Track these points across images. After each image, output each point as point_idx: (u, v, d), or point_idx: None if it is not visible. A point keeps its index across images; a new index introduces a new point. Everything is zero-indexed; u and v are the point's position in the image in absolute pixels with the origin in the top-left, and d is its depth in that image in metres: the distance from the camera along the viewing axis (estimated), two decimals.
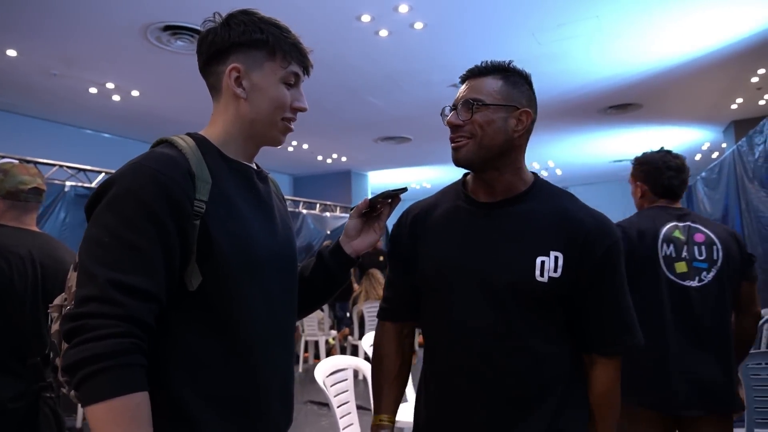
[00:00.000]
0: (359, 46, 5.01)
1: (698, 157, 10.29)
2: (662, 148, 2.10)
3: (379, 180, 12.29)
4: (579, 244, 1.11)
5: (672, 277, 1.90)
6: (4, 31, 4.50)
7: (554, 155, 10.19)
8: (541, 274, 1.10)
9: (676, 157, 2.05)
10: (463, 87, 1.19)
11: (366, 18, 4.44)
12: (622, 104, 7.00)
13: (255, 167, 1.12)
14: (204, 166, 0.96)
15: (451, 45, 5.05)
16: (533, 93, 1.20)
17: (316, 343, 6.31)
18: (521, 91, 1.17)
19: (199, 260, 0.92)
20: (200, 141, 1.02)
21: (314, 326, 6.26)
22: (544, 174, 1.23)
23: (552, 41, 4.95)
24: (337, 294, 1.26)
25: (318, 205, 8.83)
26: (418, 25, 4.60)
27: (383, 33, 4.73)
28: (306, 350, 6.55)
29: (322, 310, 6.35)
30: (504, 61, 1.19)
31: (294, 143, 8.62)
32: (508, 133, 1.14)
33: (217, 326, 0.94)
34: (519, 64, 1.20)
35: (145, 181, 0.89)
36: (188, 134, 1.03)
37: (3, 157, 4.38)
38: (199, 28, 1.09)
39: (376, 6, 4.26)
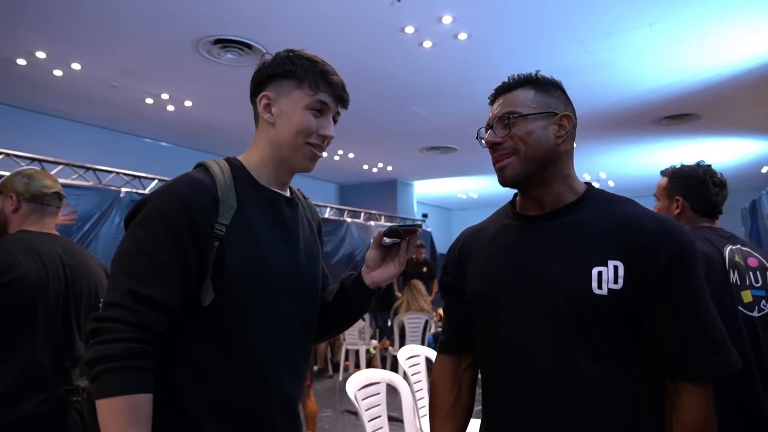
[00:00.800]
0: (403, 57, 5.02)
1: (765, 169, 9.70)
2: (701, 161, 1.96)
3: (424, 189, 12.26)
4: (640, 249, 0.99)
5: (740, 308, 1.67)
6: (70, 47, 4.79)
7: (606, 166, 9.87)
8: (599, 287, 0.98)
9: (716, 172, 1.91)
10: (494, 106, 1.16)
11: (410, 29, 4.44)
12: (678, 114, 6.68)
13: (287, 193, 1.17)
14: (232, 191, 1.04)
15: (495, 55, 4.98)
16: (568, 98, 1.16)
17: (357, 352, 6.32)
18: (555, 97, 1.12)
19: (213, 278, 0.99)
20: (235, 166, 1.10)
21: (355, 335, 6.27)
22: (595, 185, 1.15)
23: (602, 50, 4.79)
24: (379, 303, 1.26)
25: (362, 214, 8.89)
26: (462, 36, 4.56)
27: (427, 44, 4.72)
28: (347, 359, 6.57)
29: (364, 320, 6.32)
30: (531, 73, 1.16)
31: (340, 152, 8.74)
32: (551, 141, 1.09)
33: (222, 341, 1.00)
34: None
35: (172, 202, 0.98)
36: (227, 159, 1.12)
37: (67, 164, 4.66)
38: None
39: (420, 18, 4.26)
